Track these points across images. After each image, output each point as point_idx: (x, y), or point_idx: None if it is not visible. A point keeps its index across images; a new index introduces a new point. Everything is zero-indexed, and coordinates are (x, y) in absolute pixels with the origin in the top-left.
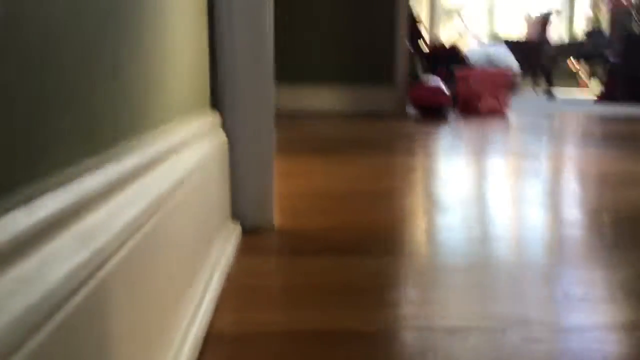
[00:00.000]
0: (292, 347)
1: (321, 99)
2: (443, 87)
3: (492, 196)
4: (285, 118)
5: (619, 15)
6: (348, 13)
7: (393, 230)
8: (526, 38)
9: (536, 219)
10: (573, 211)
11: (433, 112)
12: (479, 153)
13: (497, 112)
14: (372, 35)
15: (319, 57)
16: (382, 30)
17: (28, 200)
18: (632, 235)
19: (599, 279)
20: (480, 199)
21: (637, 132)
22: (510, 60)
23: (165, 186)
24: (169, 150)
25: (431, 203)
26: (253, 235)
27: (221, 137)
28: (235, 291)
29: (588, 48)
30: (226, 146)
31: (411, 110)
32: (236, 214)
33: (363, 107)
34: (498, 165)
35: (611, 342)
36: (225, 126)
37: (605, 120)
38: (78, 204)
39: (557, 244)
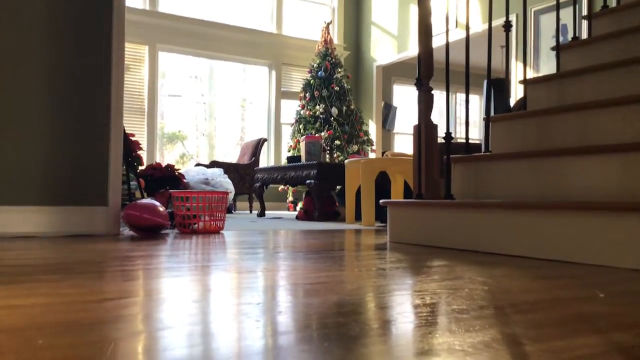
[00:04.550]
0: None
1: (20, 220)
2: (159, 206)
3: (214, 312)
4: None
5: (312, 145)
6: (56, 128)
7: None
8: (241, 161)
9: (254, 330)
10: (287, 320)
11: (149, 231)
12: (199, 271)
13: (214, 230)
14: (83, 154)
15: (18, 176)
16: (94, 149)
17: None
18: (338, 336)
19: None
20: (202, 315)
21: (331, 245)
22: (226, 182)
23: None
24: None
25: (150, 325)
26: None
27: None
28: None
29: (291, 173)
30: None
31: (127, 230)
32: None
33: (73, 229)
34: (218, 281)
35: None
36: None
37: (307, 234)
38: None
39: (271, 353)
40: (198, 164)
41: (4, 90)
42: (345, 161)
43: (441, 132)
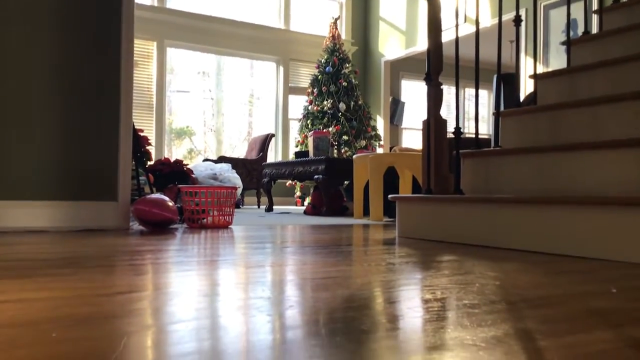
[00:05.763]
0: None
1: (31, 215)
2: (168, 201)
3: (223, 306)
4: None
5: (320, 141)
6: (66, 125)
7: (108, 354)
8: (248, 157)
9: (265, 325)
10: (297, 314)
11: (158, 226)
12: (208, 265)
13: (223, 225)
14: (93, 149)
15: (27, 171)
16: (104, 145)
17: None
18: (349, 330)
19: None
20: (212, 310)
21: (339, 239)
22: (234, 177)
23: None
24: None
25: (161, 319)
26: None
27: None
28: None
29: (299, 168)
30: None
31: (136, 225)
32: None
33: (83, 223)
34: (228, 275)
35: None
36: None
37: (315, 229)
38: None
39: (280, 348)
40: (206, 159)
41: (16, 90)
42: (354, 156)
43: (450, 127)
